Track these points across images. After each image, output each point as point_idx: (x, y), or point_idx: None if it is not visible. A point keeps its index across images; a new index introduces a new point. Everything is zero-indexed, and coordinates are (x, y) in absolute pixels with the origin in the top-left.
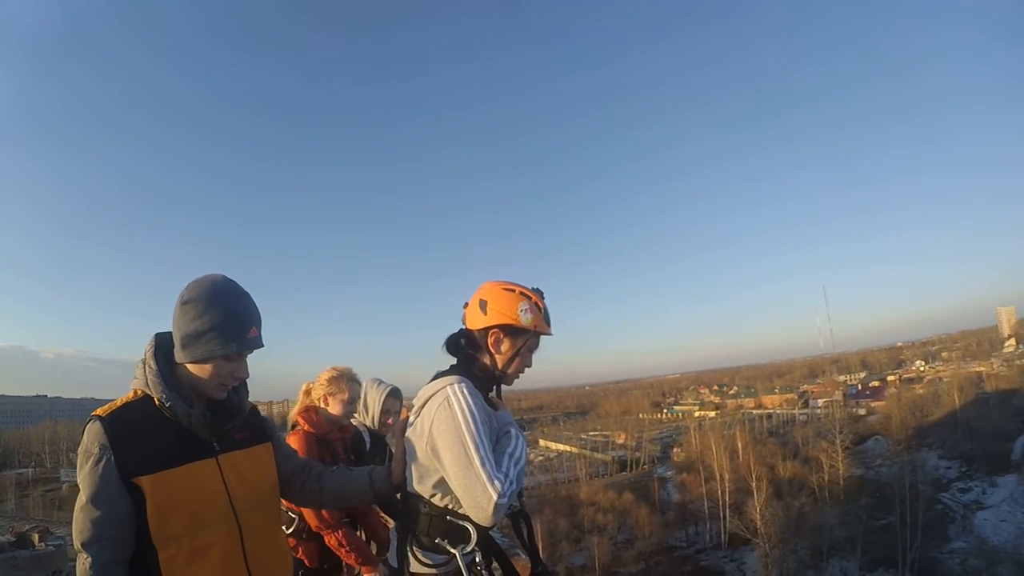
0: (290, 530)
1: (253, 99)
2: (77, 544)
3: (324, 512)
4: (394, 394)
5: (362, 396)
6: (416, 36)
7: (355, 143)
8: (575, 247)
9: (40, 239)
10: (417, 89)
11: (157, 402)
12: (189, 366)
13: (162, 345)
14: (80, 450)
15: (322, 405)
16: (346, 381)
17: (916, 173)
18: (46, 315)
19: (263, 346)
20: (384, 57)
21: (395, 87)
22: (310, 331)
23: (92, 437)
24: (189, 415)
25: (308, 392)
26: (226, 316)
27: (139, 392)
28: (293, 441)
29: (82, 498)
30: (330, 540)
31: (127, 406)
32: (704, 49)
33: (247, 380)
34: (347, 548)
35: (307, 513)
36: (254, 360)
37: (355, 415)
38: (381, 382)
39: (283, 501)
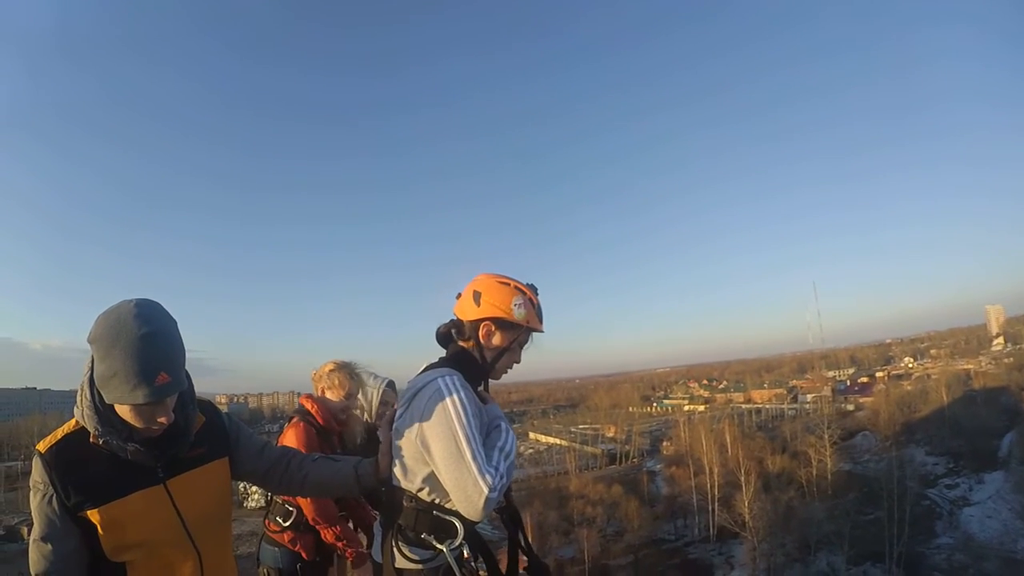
0: (287, 523)
1: (249, 96)
2: (32, 574)
3: (322, 506)
4: (392, 386)
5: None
6: (407, 31)
7: (351, 137)
8: (566, 240)
9: (27, 233)
10: (412, 82)
11: (92, 437)
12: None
13: None
14: (30, 482)
15: (324, 394)
16: (346, 375)
17: (908, 169)
18: (34, 308)
19: (181, 388)
20: (378, 52)
21: (390, 81)
22: (310, 323)
23: (35, 473)
24: (125, 449)
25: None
26: (129, 362)
27: (78, 422)
28: (293, 432)
29: (34, 532)
30: (327, 535)
31: (66, 439)
32: (696, 44)
33: (193, 395)
34: (345, 542)
35: (305, 506)
36: (248, 353)
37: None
38: (376, 375)
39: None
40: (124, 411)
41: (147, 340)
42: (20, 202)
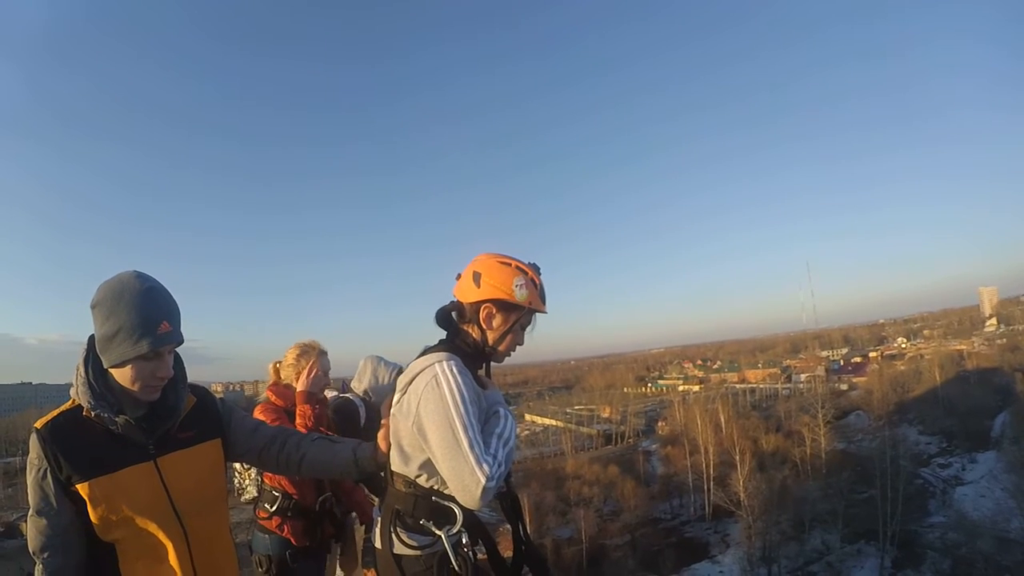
0: (273, 508)
1: (241, 87)
2: (30, 551)
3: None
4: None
5: (369, 372)
6: (392, 17)
7: (341, 125)
8: (559, 221)
9: (21, 229)
10: (401, 67)
11: (85, 411)
12: (112, 371)
13: (95, 348)
14: (27, 462)
15: (294, 384)
16: (315, 355)
17: (903, 149)
18: (29, 303)
19: (180, 340)
20: (366, 40)
21: (377, 67)
22: (305, 309)
23: (31, 449)
24: (115, 423)
25: (277, 371)
26: (132, 315)
27: (75, 401)
28: (258, 413)
29: (30, 509)
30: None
31: (62, 415)
32: (687, 24)
33: (184, 376)
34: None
35: (286, 483)
36: (243, 341)
37: (354, 386)
38: (385, 360)
39: (265, 477)
40: (125, 374)
41: (149, 293)
42: (15, 198)
